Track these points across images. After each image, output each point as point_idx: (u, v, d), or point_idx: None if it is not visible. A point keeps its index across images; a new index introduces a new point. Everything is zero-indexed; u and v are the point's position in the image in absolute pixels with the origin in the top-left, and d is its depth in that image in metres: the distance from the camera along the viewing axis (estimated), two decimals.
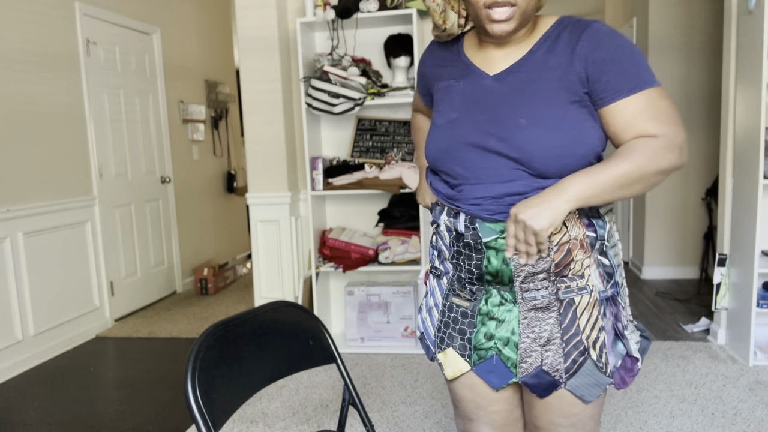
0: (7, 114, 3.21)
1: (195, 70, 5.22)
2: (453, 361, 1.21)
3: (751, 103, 2.78)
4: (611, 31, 1.06)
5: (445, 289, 1.22)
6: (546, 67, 1.08)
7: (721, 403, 2.47)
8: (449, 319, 1.21)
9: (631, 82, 1.03)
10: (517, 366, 1.14)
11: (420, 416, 2.46)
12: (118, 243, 4.14)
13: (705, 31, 4.33)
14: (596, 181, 1.01)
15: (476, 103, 1.12)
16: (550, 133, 1.05)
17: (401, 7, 3.05)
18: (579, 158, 1.06)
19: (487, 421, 1.25)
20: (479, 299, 1.16)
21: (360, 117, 3.34)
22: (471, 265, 1.15)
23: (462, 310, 1.19)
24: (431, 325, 1.25)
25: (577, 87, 1.06)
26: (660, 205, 4.55)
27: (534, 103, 1.06)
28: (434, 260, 1.26)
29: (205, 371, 1.07)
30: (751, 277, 2.80)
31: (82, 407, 2.74)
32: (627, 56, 1.03)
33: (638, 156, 1.01)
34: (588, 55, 1.04)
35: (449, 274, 1.21)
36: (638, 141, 1.03)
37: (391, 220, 3.24)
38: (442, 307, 1.22)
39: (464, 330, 1.18)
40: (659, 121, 1.02)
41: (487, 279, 1.14)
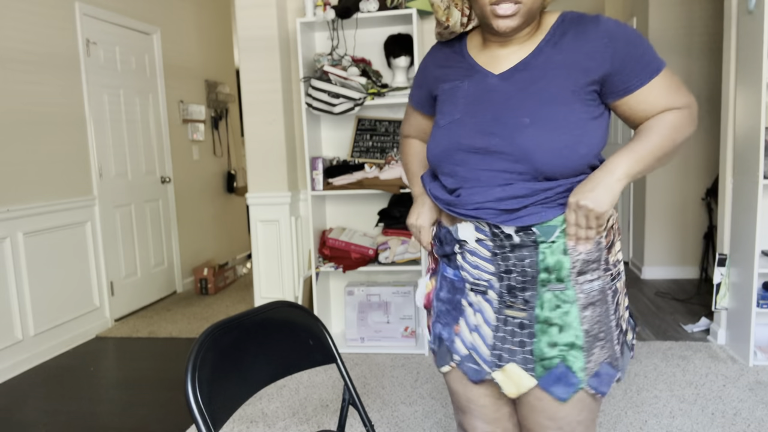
0: (7, 114, 3.21)
1: (195, 70, 5.22)
2: (516, 377, 1.14)
3: (751, 103, 2.78)
4: (617, 23, 1.08)
5: (494, 302, 1.15)
6: (552, 65, 1.07)
7: (721, 403, 2.47)
8: (506, 333, 1.14)
9: (650, 68, 1.08)
10: (584, 369, 1.10)
11: (420, 416, 2.46)
12: (118, 243, 4.14)
13: (705, 31, 4.33)
14: (639, 156, 1.06)
15: (480, 103, 1.12)
16: (554, 132, 1.05)
17: (401, 7, 3.05)
18: (580, 158, 1.06)
19: (478, 414, 1.27)
20: (534, 306, 1.12)
21: (360, 117, 3.34)
22: (524, 265, 1.10)
23: (519, 321, 1.13)
24: (483, 343, 1.16)
25: (585, 84, 1.06)
26: (660, 205, 4.55)
27: (538, 101, 1.06)
28: (466, 277, 1.18)
29: (205, 371, 1.07)
30: (751, 277, 2.80)
31: (82, 407, 2.74)
32: (639, 44, 1.08)
33: (668, 128, 1.08)
34: (602, 49, 1.06)
35: (495, 287, 1.14)
36: (664, 114, 1.09)
37: (391, 220, 3.23)
38: (495, 323, 1.14)
39: (524, 342, 1.12)
40: (678, 95, 1.09)
41: (542, 279, 1.10)
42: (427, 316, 1.34)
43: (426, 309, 1.32)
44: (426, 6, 3.09)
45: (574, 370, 1.10)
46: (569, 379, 1.11)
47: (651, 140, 1.07)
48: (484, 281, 1.15)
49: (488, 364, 1.16)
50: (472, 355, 1.18)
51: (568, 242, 1.08)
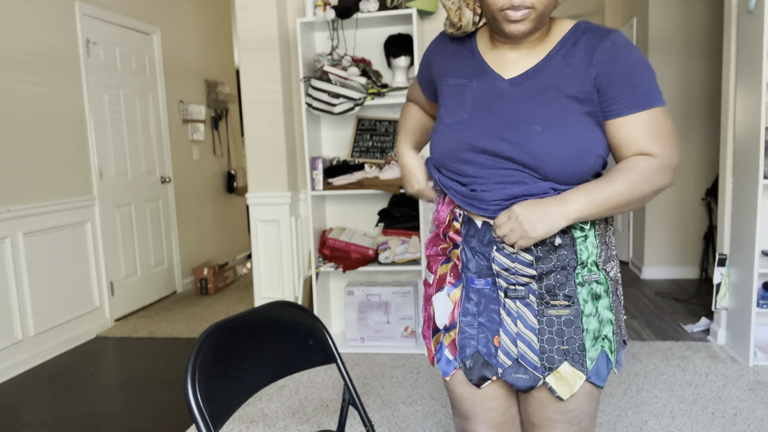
0: (7, 114, 3.21)
1: (195, 70, 5.22)
2: (570, 376, 1.12)
3: (751, 103, 2.78)
4: (628, 45, 1.06)
5: (534, 306, 1.12)
6: (562, 75, 1.07)
7: (721, 403, 2.47)
8: (552, 334, 1.12)
9: (639, 99, 1.05)
10: (613, 351, 1.14)
11: (420, 416, 2.46)
12: (118, 243, 4.14)
13: (705, 31, 4.33)
14: (597, 198, 1.05)
15: (489, 106, 1.11)
16: (564, 142, 1.05)
17: (401, 7, 3.05)
18: (589, 168, 1.07)
19: (483, 419, 1.25)
20: (577, 301, 1.12)
21: (360, 117, 3.34)
22: (565, 264, 1.11)
23: (564, 318, 1.12)
24: (530, 350, 1.13)
25: (591, 96, 1.07)
26: (660, 205, 4.55)
27: (549, 110, 1.06)
28: (501, 284, 1.14)
29: (205, 371, 1.07)
30: (751, 277, 2.80)
31: (82, 407, 2.74)
32: (639, 72, 1.05)
33: (636, 175, 1.05)
34: (601, 65, 1.05)
35: (533, 290, 1.12)
36: (636, 159, 1.06)
37: (391, 220, 3.24)
38: (539, 326, 1.12)
39: (573, 339, 1.11)
40: (660, 142, 1.05)
41: (578, 272, 1.12)
42: (440, 334, 1.24)
43: (445, 327, 1.22)
44: (426, 6, 3.09)
45: (609, 355, 1.14)
46: (606, 364, 1.14)
47: (615, 186, 1.05)
48: (522, 285, 1.13)
49: (539, 371, 1.12)
50: (520, 364, 1.14)
51: (495, 232, 1.10)
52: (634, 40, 4.76)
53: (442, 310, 1.22)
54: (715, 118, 4.39)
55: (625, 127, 1.06)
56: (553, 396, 1.15)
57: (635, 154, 1.06)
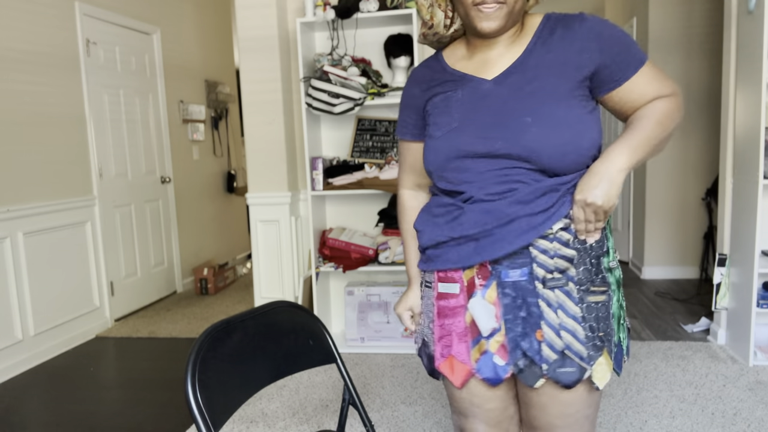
0: (7, 114, 3.21)
1: (195, 70, 5.22)
2: (605, 364, 1.12)
3: (751, 103, 2.78)
4: (602, 20, 1.12)
5: (574, 293, 1.10)
6: (544, 64, 1.09)
7: (721, 403, 2.47)
8: (593, 321, 1.10)
9: (636, 58, 1.10)
10: (624, 340, 1.18)
11: (420, 416, 2.46)
12: (118, 243, 4.14)
13: (705, 31, 4.33)
14: (637, 144, 1.08)
15: (477, 110, 1.11)
16: (556, 129, 1.06)
17: (401, 7, 3.05)
18: (584, 152, 1.08)
19: (482, 418, 1.24)
20: (611, 285, 1.14)
21: (360, 117, 3.34)
22: (596, 248, 1.13)
23: (601, 304, 1.11)
24: (575, 340, 1.10)
25: (578, 80, 1.09)
26: (660, 205, 4.55)
27: (536, 101, 1.07)
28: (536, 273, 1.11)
29: (205, 371, 1.07)
30: (751, 277, 2.80)
31: (82, 407, 2.74)
32: (623, 38, 1.11)
33: (661, 115, 1.10)
34: (590, 45, 1.08)
35: (573, 276, 1.11)
36: (654, 103, 1.11)
37: (391, 220, 3.23)
38: (581, 314, 1.10)
39: (608, 324, 1.12)
40: (664, 84, 1.12)
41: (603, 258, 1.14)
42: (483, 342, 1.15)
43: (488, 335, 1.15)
44: None
45: (622, 343, 1.17)
46: (621, 353, 1.17)
47: (645, 129, 1.08)
48: (561, 272, 1.10)
49: (586, 361, 1.10)
50: (567, 356, 1.10)
51: (580, 236, 1.11)
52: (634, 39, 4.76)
53: (485, 314, 1.13)
54: (715, 118, 4.39)
55: (634, 87, 1.11)
56: (553, 399, 1.13)
57: (650, 102, 1.12)
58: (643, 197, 4.62)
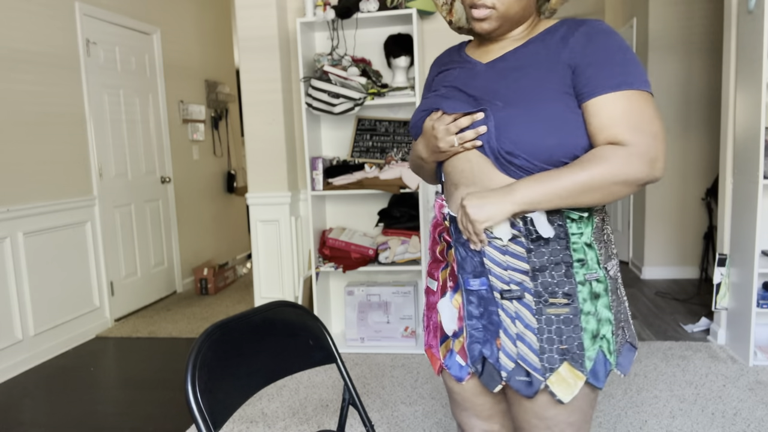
0: (7, 114, 3.21)
1: (195, 70, 5.22)
2: (570, 377, 1.08)
3: (751, 103, 2.78)
4: (607, 30, 1.05)
5: (532, 305, 1.08)
6: (535, 58, 1.08)
7: (721, 403, 2.47)
8: (552, 333, 1.08)
9: (614, 80, 1.00)
10: (612, 352, 1.10)
11: (420, 416, 2.46)
12: (118, 243, 4.14)
13: (705, 31, 4.33)
14: (549, 188, 1.01)
15: (465, 85, 1.15)
16: (521, 117, 1.04)
17: (401, 7, 3.05)
18: (548, 148, 1.04)
19: (473, 411, 1.28)
20: (576, 299, 1.07)
21: (360, 117, 3.33)
22: (559, 259, 1.07)
23: (563, 317, 1.07)
24: (530, 351, 1.09)
25: (563, 78, 1.05)
26: (660, 205, 4.55)
27: (514, 88, 1.07)
28: (494, 284, 1.11)
29: (205, 371, 1.07)
30: (751, 277, 2.80)
31: (82, 407, 2.74)
32: (616, 55, 1.02)
33: (600, 166, 0.99)
34: (577, 47, 1.05)
35: (529, 288, 1.08)
36: (604, 149, 1.00)
37: (391, 220, 3.23)
38: (537, 325, 1.08)
39: (572, 338, 1.07)
40: (634, 129, 0.99)
41: (576, 270, 1.07)
42: (450, 341, 1.21)
43: (454, 334, 1.19)
44: (426, 6, 3.09)
45: (607, 356, 1.09)
46: (604, 365, 1.10)
47: (573, 174, 1.00)
48: (516, 284, 1.09)
49: (540, 372, 1.08)
50: (521, 366, 1.10)
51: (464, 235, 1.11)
52: (634, 40, 4.76)
53: (448, 315, 1.18)
54: (715, 118, 4.39)
55: (598, 110, 1.01)
56: (531, 402, 1.12)
57: (607, 142, 1.01)
58: (643, 197, 4.62)
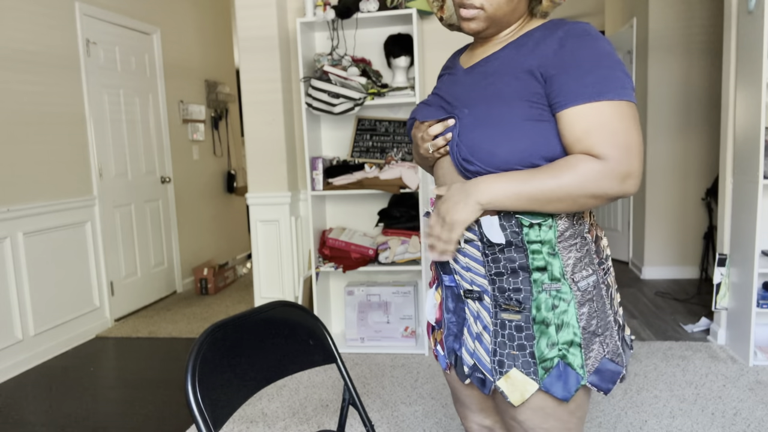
0: (7, 114, 3.21)
1: (195, 70, 5.22)
2: (519, 383, 1.07)
3: (751, 103, 2.78)
4: (585, 32, 0.99)
5: (490, 307, 1.09)
6: (507, 64, 1.06)
7: (721, 403, 2.47)
8: (504, 338, 1.08)
9: (590, 89, 0.95)
10: (583, 366, 1.06)
11: (420, 416, 2.46)
12: (118, 243, 4.14)
13: (705, 31, 4.33)
14: (515, 189, 0.99)
15: (446, 93, 1.17)
16: (479, 126, 1.04)
17: (401, 7, 3.05)
18: (500, 156, 1.02)
19: (465, 403, 1.31)
20: (530, 308, 1.05)
21: (360, 117, 3.34)
22: (515, 267, 1.05)
23: (515, 323, 1.06)
24: (484, 351, 1.10)
25: (531, 85, 1.01)
26: (660, 205, 4.55)
27: (481, 95, 1.07)
28: (460, 284, 1.13)
29: (205, 371, 1.07)
30: (751, 277, 2.80)
31: (82, 407, 2.74)
32: (591, 60, 0.96)
33: (569, 176, 0.96)
34: (548, 53, 1.00)
35: (488, 291, 1.09)
36: (578, 158, 0.97)
37: (391, 220, 3.23)
38: (493, 327, 1.09)
39: (524, 345, 1.06)
40: (608, 142, 0.95)
41: (536, 279, 1.05)
42: (434, 331, 1.26)
43: (437, 324, 1.24)
44: (426, 6, 3.09)
45: (573, 367, 1.06)
46: (569, 376, 1.06)
47: (541, 180, 0.97)
48: (478, 286, 1.10)
49: (491, 373, 1.09)
50: (476, 365, 1.12)
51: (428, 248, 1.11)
52: (633, 40, 4.76)
53: (430, 305, 1.26)
54: (715, 118, 4.39)
55: (572, 121, 0.96)
56: (503, 403, 1.13)
57: (579, 152, 0.98)
58: (643, 197, 4.62)
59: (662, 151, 4.50)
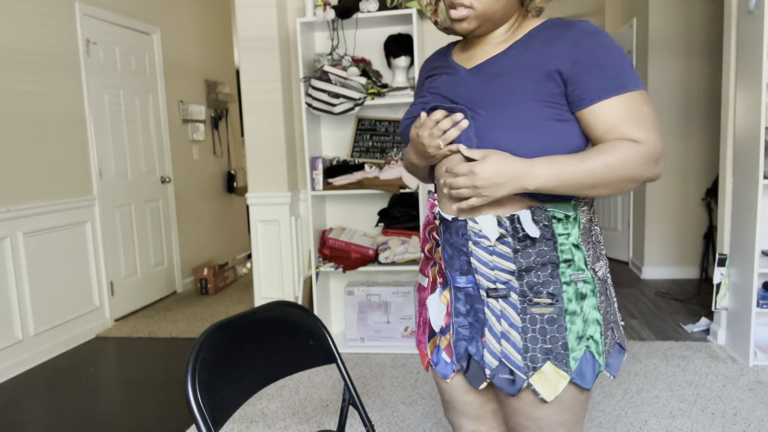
0: (7, 114, 3.21)
1: (195, 70, 5.22)
2: (553, 377, 1.08)
3: (751, 103, 2.78)
4: (594, 31, 1.03)
5: (517, 304, 1.09)
6: (517, 63, 1.07)
7: (721, 403, 2.47)
8: (536, 332, 1.08)
9: (613, 83, 1.01)
10: (601, 354, 1.09)
11: (420, 416, 2.46)
12: (118, 243, 4.14)
13: (705, 31, 4.33)
14: (566, 171, 1.01)
15: (448, 92, 1.15)
16: (501, 127, 1.05)
17: (401, 7, 3.05)
18: (528, 156, 1.04)
19: (461, 411, 1.27)
20: (561, 299, 1.08)
21: (360, 117, 3.34)
22: (546, 260, 1.07)
23: (547, 317, 1.08)
24: (514, 350, 1.09)
25: (544, 85, 1.04)
26: (660, 205, 4.55)
27: (496, 96, 1.07)
28: (481, 283, 1.11)
29: (205, 371, 1.07)
30: (751, 277, 2.80)
31: (82, 407, 2.74)
32: (607, 57, 1.02)
33: (613, 158, 1.00)
34: (565, 54, 1.03)
35: (515, 287, 1.09)
36: (618, 142, 1.01)
37: (391, 220, 3.23)
38: (522, 324, 1.08)
39: (556, 337, 1.07)
40: (643, 126, 1.01)
41: (563, 271, 1.08)
42: (431, 339, 1.23)
43: (441, 330, 1.20)
44: None
45: (594, 355, 1.09)
46: (593, 365, 1.10)
47: (588, 163, 1.00)
48: (503, 283, 1.09)
49: (523, 371, 1.08)
50: (504, 364, 1.10)
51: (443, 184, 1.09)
52: (633, 40, 4.76)
53: (436, 312, 1.20)
54: (715, 118, 4.39)
55: (602, 114, 1.02)
56: (521, 402, 1.12)
57: (616, 139, 1.03)
58: (643, 197, 4.62)
59: None
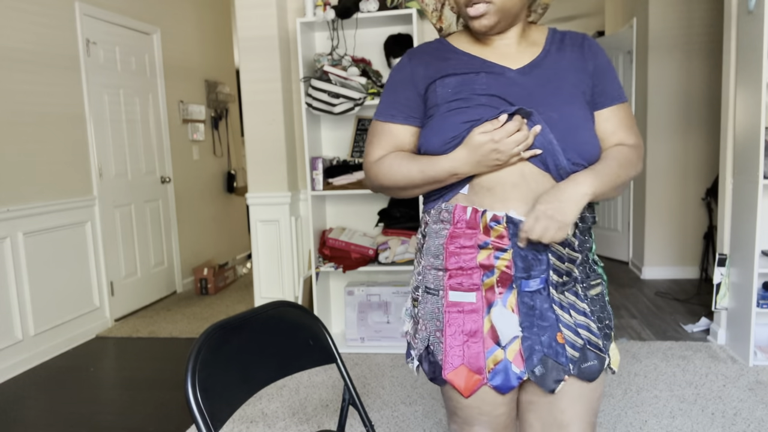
0: (7, 114, 3.21)
1: (195, 70, 5.22)
2: (614, 348, 1.21)
3: (751, 103, 2.78)
4: (599, 45, 1.21)
5: (579, 291, 1.18)
6: (560, 67, 1.15)
7: (721, 403, 2.47)
8: (599, 310, 1.20)
9: (617, 94, 1.17)
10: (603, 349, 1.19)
11: (420, 416, 2.46)
12: (118, 243, 4.14)
13: (705, 31, 4.33)
14: (602, 178, 1.09)
15: (505, 94, 1.10)
16: (577, 130, 1.10)
17: (401, 7, 3.05)
18: (595, 157, 1.13)
19: (489, 425, 1.20)
20: (602, 275, 1.24)
21: (360, 117, 3.33)
22: (587, 248, 1.19)
23: (600, 294, 1.21)
24: (593, 335, 1.16)
25: (587, 87, 1.15)
26: (660, 205, 4.55)
27: (560, 99, 1.11)
28: (552, 280, 1.13)
29: (205, 371, 1.07)
30: (751, 277, 2.80)
31: (82, 407, 2.74)
32: (612, 69, 1.19)
33: (625, 161, 1.14)
34: (591, 58, 1.17)
35: (579, 278, 1.19)
36: (621, 148, 1.16)
37: (391, 220, 3.24)
38: (589, 308, 1.18)
39: (608, 313, 1.22)
40: (634, 133, 1.18)
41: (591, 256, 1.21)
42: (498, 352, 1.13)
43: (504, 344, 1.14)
44: None
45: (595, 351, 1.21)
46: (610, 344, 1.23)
47: (612, 168, 1.11)
48: (569, 275, 1.16)
49: (604, 351, 1.17)
50: (587, 351, 1.14)
51: (519, 243, 1.10)
52: (633, 40, 4.76)
53: (507, 323, 1.12)
54: (715, 118, 4.39)
55: (610, 118, 1.17)
56: (581, 388, 1.15)
57: (615, 145, 1.17)
58: (643, 197, 4.62)
59: (662, 151, 4.50)
